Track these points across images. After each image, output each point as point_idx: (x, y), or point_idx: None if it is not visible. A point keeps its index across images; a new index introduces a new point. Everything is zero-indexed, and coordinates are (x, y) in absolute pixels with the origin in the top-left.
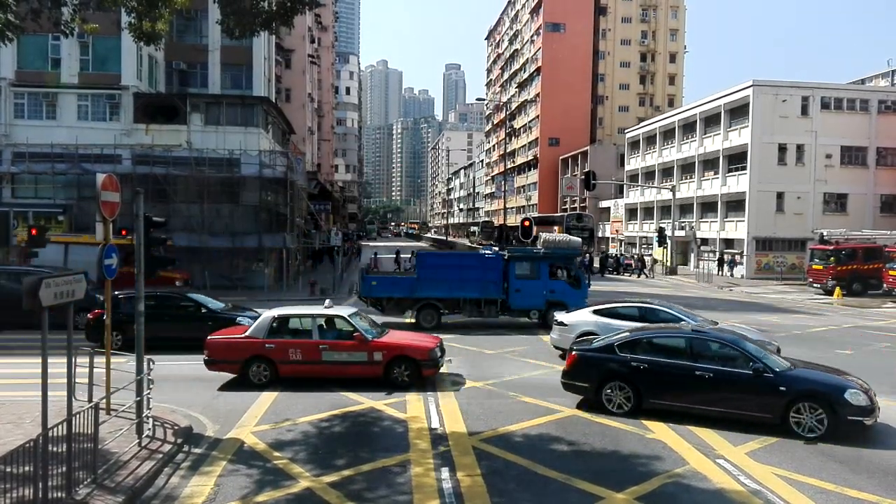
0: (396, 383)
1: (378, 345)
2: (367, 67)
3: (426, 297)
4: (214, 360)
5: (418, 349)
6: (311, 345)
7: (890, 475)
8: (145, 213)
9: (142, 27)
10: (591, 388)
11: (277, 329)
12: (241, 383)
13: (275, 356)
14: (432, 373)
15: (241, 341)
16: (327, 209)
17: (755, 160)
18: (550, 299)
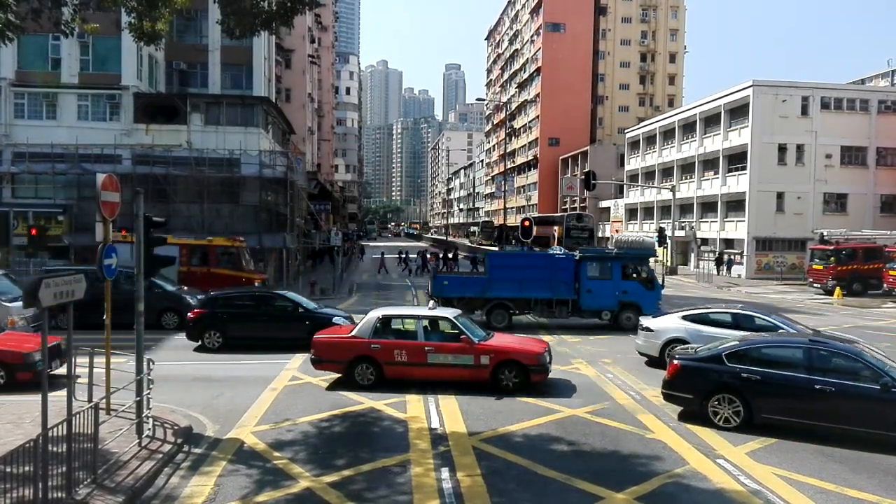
0: (503, 388)
1: (485, 348)
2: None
3: (497, 297)
4: (321, 359)
5: (527, 353)
6: (417, 346)
7: (890, 475)
8: (145, 213)
9: (142, 27)
10: (696, 399)
11: (382, 329)
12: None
13: (380, 357)
14: (541, 378)
15: (347, 341)
16: (327, 209)
17: (755, 160)
18: (623, 300)
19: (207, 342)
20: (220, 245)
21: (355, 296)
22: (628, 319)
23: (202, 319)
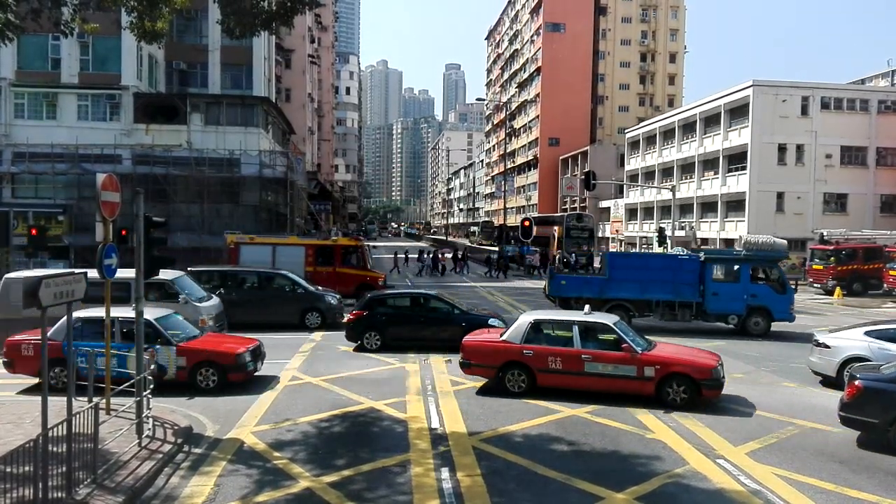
0: (670, 403)
1: (650, 359)
2: (367, 67)
3: (616, 298)
4: (470, 363)
5: (699, 367)
6: (573, 354)
7: (890, 475)
8: (145, 213)
9: (143, 26)
10: (882, 424)
11: (535, 334)
12: (495, 389)
13: (533, 363)
14: (715, 394)
15: (497, 345)
16: (327, 209)
17: (755, 160)
18: (752, 304)
19: (367, 343)
20: (345, 245)
21: None
22: (756, 325)
23: (362, 321)
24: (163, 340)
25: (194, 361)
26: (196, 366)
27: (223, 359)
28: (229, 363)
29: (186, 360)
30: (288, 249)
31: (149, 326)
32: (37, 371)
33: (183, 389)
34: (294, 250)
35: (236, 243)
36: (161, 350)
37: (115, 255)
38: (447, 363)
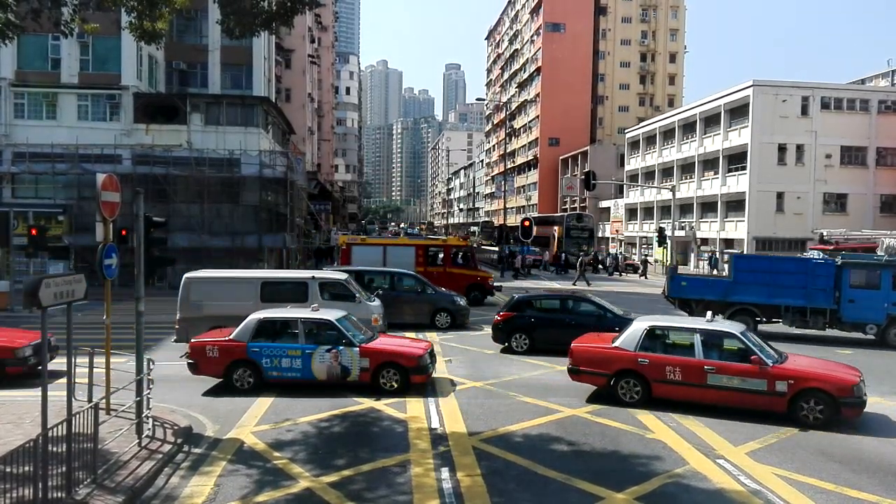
0: (802, 421)
1: (782, 372)
2: (367, 67)
3: (741, 302)
4: (579, 369)
5: (839, 382)
6: (694, 364)
7: (890, 475)
8: (145, 213)
9: (142, 26)
10: None
11: (651, 342)
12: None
13: (648, 373)
14: (855, 414)
15: (609, 352)
16: (327, 209)
17: (755, 160)
18: (893, 313)
19: (514, 345)
20: (455, 245)
21: None
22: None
23: (510, 322)
24: (346, 342)
25: (377, 363)
26: (379, 367)
27: (406, 360)
28: (412, 365)
29: (370, 362)
30: (398, 249)
31: (331, 328)
32: (221, 372)
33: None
34: (404, 250)
35: (348, 244)
36: (344, 351)
37: (115, 255)
38: (447, 363)
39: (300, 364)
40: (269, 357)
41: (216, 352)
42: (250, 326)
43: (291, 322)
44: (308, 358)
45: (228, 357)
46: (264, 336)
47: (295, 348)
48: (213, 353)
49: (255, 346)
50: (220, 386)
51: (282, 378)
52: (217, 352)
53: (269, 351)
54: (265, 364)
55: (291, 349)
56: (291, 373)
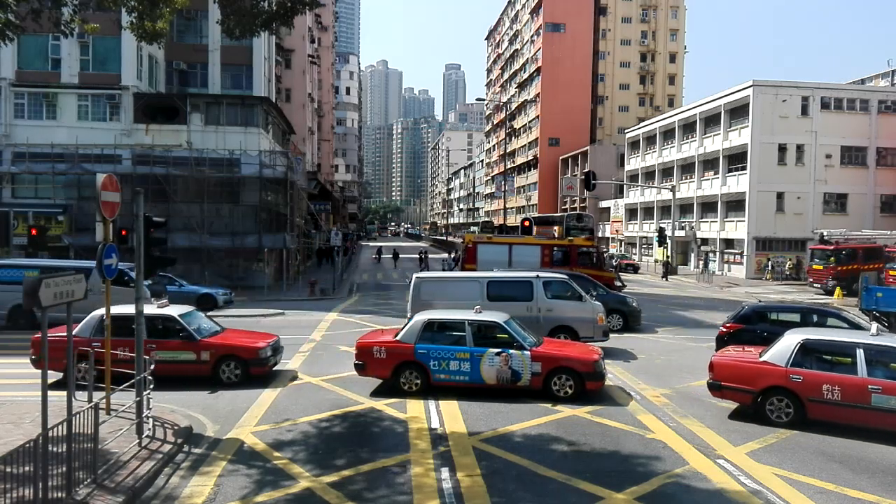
0: None
1: None
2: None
3: None
4: (720, 385)
5: None
6: (857, 384)
7: (890, 475)
8: (145, 213)
9: (143, 26)
10: None
11: (804, 356)
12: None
13: (801, 391)
14: None
15: (758, 367)
16: (327, 209)
17: (755, 160)
18: None
19: None
20: (581, 244)
21: (355, 296)
22: None
23: (738, 335)
24: (517, 345)
25: (550, 367)
26: (552, 372)
27: (582, 365)
28: (588, 370)
29: (542, 366)
30: (524, 249)
31: (500, 330)
32: (389, 374)
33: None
34: (530, 249)
35: (474, 242)
36: (515, 355)
37: (115, 256)
38: None
39: (469, 367)
40: (436, 360)
41: (384, 353)
42: (417, 328)
43: (458, 324)
44: (477, 361)
45: (396, 359)
46: (431, 338)
47: (463, 351)
48: (381, 354)
49: (423, 347)
50: (387, 387)
51: (450, 381)
52: (385, 353)
53: (437, 353)
54: (433, 367)
55: (460, 352)
56: (460, 376)
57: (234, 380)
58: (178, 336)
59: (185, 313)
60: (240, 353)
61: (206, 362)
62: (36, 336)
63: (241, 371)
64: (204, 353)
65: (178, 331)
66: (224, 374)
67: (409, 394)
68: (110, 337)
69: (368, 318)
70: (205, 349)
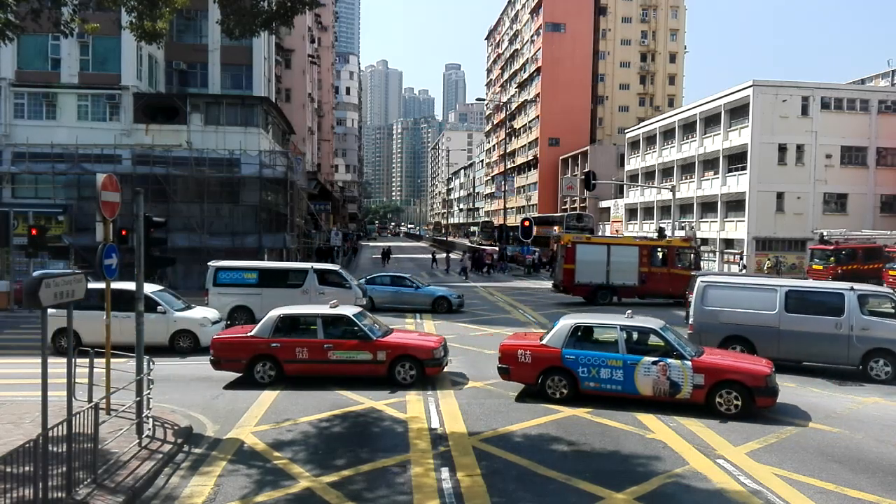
0: None
1: None
2: (367, 67)
3: None
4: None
5: None
6: None
7: (890, 475)
8: (145, 213)
9: (143, 26)
10: None
11: None
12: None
13: None
14: None
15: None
16: (327, 209)
17: (755, 160)
18: None
19: None
20: (679, 245)
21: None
22: None
23: None
24: (676, 354)
25: (715, 380)
26: (717, 386)
27: (752, 380)
28: (759, 385)
29: (705, 378)
30: (622, 249)
31: (657, 336)
32: (533, 379)
33: None
34: (628, 250)
35: (573, 242)
36: (673, 365)
37: (115, 256)
38: None
39: (621, 376)
40: (586, 366)
41: (528, 357)
42: (564, 332)
43: (610, 328)
44: (631, 370)
45: (542, 364)
46: (579, 342)
47: (616, 358)
48: (526, 358)
49: (571, 353)
50: (532, 392)
51: (600, 390)
52: (530, 357)
53: (586, 359)
54: (581, 373)
55: (612, 359)
56: (611, 385)
57: (408, 381)
58: (355, 336)
59: (357, 313)
60: (415, 353)
61: (381, 362)
62: (218, 337)
63: (417, 371)
64: (380, 352)
65: (354, 331)
66: (399, 374)
67: (400, 393)
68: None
69: None
70: (381, 349)
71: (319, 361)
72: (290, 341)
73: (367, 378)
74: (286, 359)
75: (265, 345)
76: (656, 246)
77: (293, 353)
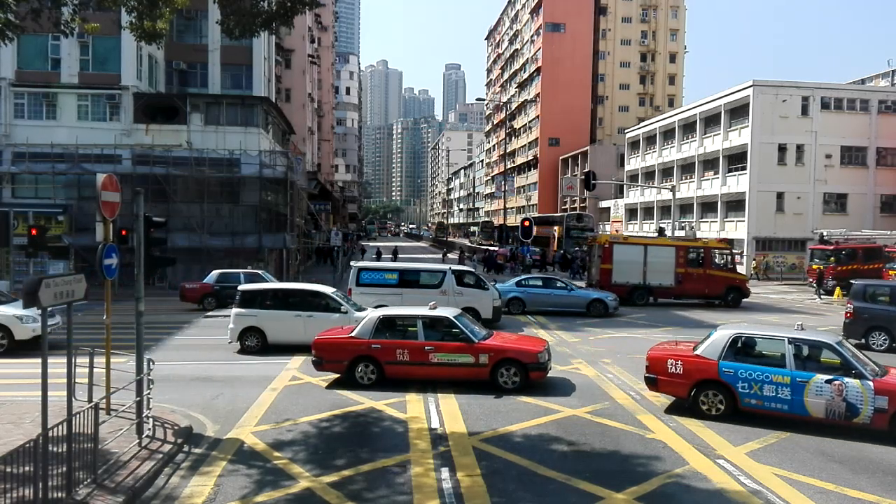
0: None
1: None
2: (367, 67)
3: None
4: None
5: None
6: None
7: (890, 475)
8: (145, 213)
9: (143, 26)
10: None
11: None
12: None
13: None
14: None
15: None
16: (327, 209)
17: (755, 160)
18: None
19: None
20: (715, 246)
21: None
22: None
23: None
24: (855, 373)
25: None
26: None
27: None
28: None
29: (889, 402)
30: (659, 250)
31: (832, 352)
32: (686, 392)
33: None
34: (665, 251)
35: (610, 242)
36: (851, 385)
37: (115, 256)
38: None
39: (788, 394)
40: (746, 381)
41: (679, 368)
42: (720, 342)
43: (775, 342)
44: (800, 388)
45: (696, 376)
46: (738, 355)
47: (782, 374)
48: (677, 368)
49: (729, 366)
50: (685, 407)
51: (763, 409)
52: (681, 368)
53: (747, 374)
54: (741, 389)
55: (777, 375)
56: (776, 404)
57: (510, 385)
58: (456, 338)
59: (458, 315)
60: (519, 357)
61: (484, 366)
62: (320, 338)
63: (521, 376)
64: (482, 355)
65: (456, 333)
66: (502, 377)
67: (401, 392)
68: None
69: None
70: (483, 352)
71: (420, 364)
72: (390, 343)
73: (468, 381)
74: (387, 360)
75: (366, 346)
76: (693, 246)
77: (393, 354)
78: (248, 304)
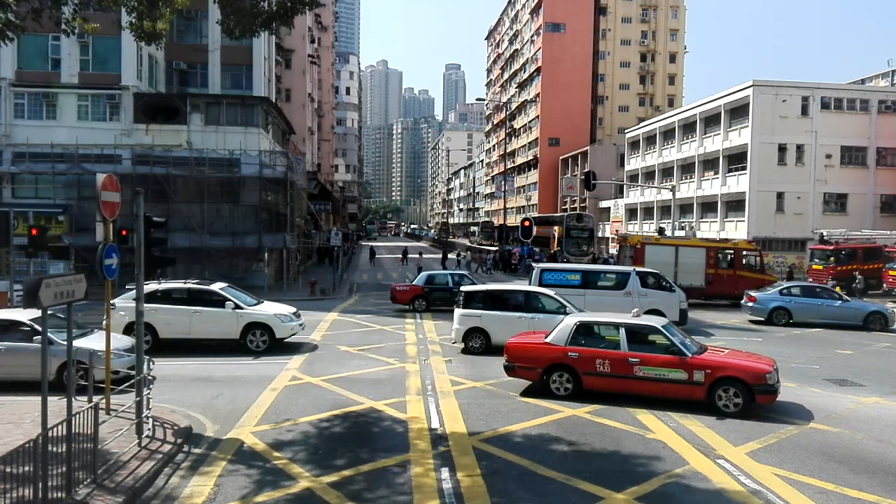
0: None
1: None
2: (366, 67)
3: None
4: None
5: None
6: None
7: (890, 475)
8: (145, 213)
9: (143, 26)
10: None
11: None
12: None
13: None
14: None
15: None
16: (327, 209)
17: (755, 160)
18: None
19: None
20: (745, 248)
21: (355, 296)
22: None
23: None
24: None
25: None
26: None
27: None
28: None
29: (704, 375)
30: (690, 251)
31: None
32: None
33: None
34: (695, 252)
35: (642, 243)
36: None
37: (115, 256)
38: (447, 363)
39: (622, 371)
40: (588, 362)
41: (532, 354)
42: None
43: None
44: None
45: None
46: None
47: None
48: (530, 355)
49: (574, 350)
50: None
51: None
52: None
53: (588, 355)
54: (583, 370)
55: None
56: (614, 380)
57: (731, 409)
58: (666, 351)
59: (666, 324)
60: (743, 377)
61: (699, 384)
62: (513, 342)
63: (744, 398)
64: (697, 372)
65: (665, 345)
66: (721, 400)
67: (401, 393)
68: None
69: (368, 318)
70: (698, 368)
71: (623, 377)
72: (589, 352)
73: (679, 401)
74: (585, 371)
75: (562, 353)
76: (723, 248)
77: (593, 365)
78: (472, 304)
